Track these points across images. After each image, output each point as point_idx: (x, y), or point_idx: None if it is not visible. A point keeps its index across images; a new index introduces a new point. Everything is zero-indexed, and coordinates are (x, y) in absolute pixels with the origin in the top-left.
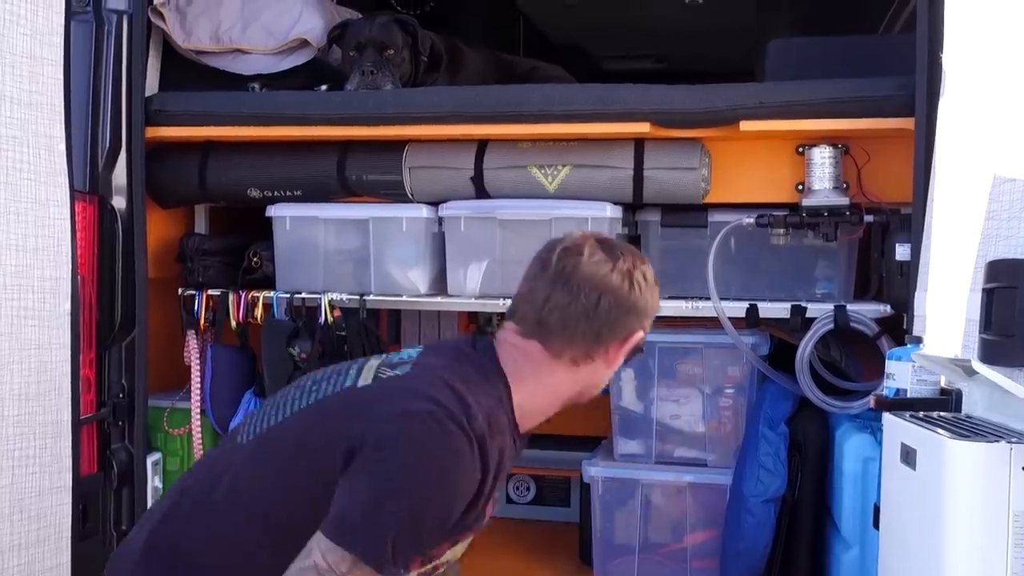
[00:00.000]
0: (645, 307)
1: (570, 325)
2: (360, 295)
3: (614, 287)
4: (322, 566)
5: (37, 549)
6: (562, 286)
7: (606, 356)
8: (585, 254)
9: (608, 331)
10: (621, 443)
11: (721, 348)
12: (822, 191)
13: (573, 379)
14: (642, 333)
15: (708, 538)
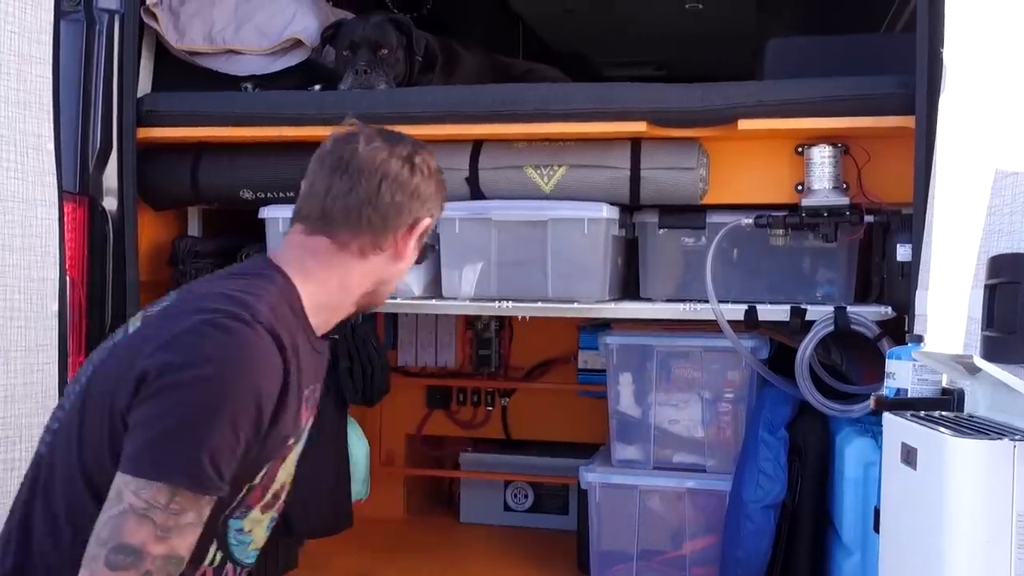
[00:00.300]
0: (429, 192)
1: (353, 213)
2: None
3: (394, 172)
4: (139, 506)
5: None
6: (341, 174)
7: (394, 246)
8: (362, 141)
9: (393, 217)
10: (619, 449)
11: (720, 352)
12: (822, 191)
13: (363, 272)
14: (429, 221)
15: (708, 545)
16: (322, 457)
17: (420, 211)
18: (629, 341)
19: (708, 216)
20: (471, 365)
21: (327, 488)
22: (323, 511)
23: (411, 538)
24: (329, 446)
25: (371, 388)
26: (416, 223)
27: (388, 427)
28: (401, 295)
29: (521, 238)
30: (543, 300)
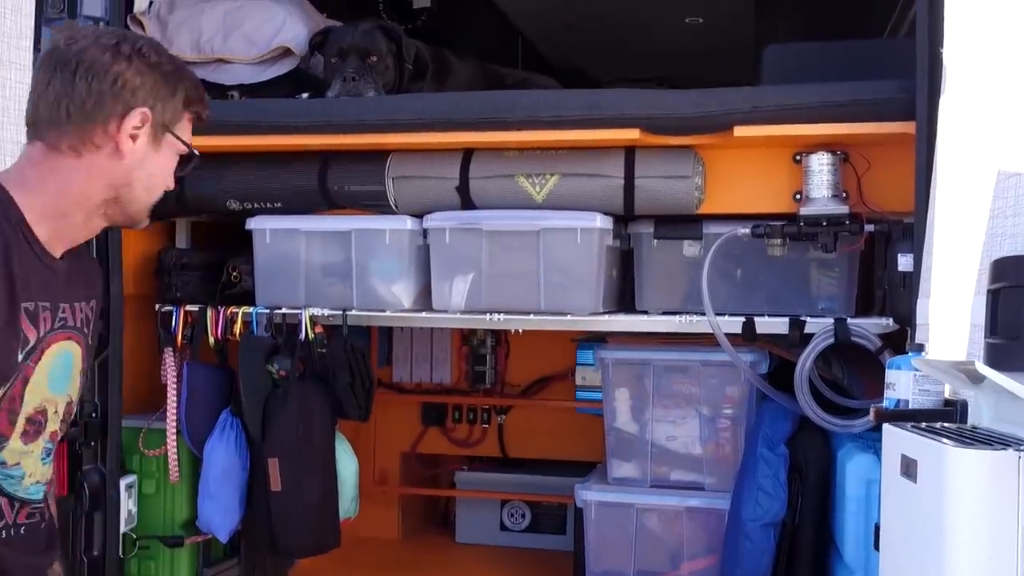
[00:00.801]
0: (141, 81)
1: (53, 107)
2: (342, 310)
3: (91, 59)
4: None
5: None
6: (42, 71)
7: (111, 142)
8: (63, 38)
9: (94, 108)
10: (615, 466)
11: (718, 367)
12: (820, 199)
13: (86, 174)
14: (144, 112)
15: (707, 566)
16: (309, 473)
17: (132, 101)
18: (625, 356)
19: (704, 226)
20: (467, 382)
21: (314, 505)
22: (310, 529)
23: (405, 559)
24: (317, 462)
25: (369, 403)
26: (126, 113)
27: (382, 445)
28: (390, 307)
29: (512, 249)
30: (535, 312)
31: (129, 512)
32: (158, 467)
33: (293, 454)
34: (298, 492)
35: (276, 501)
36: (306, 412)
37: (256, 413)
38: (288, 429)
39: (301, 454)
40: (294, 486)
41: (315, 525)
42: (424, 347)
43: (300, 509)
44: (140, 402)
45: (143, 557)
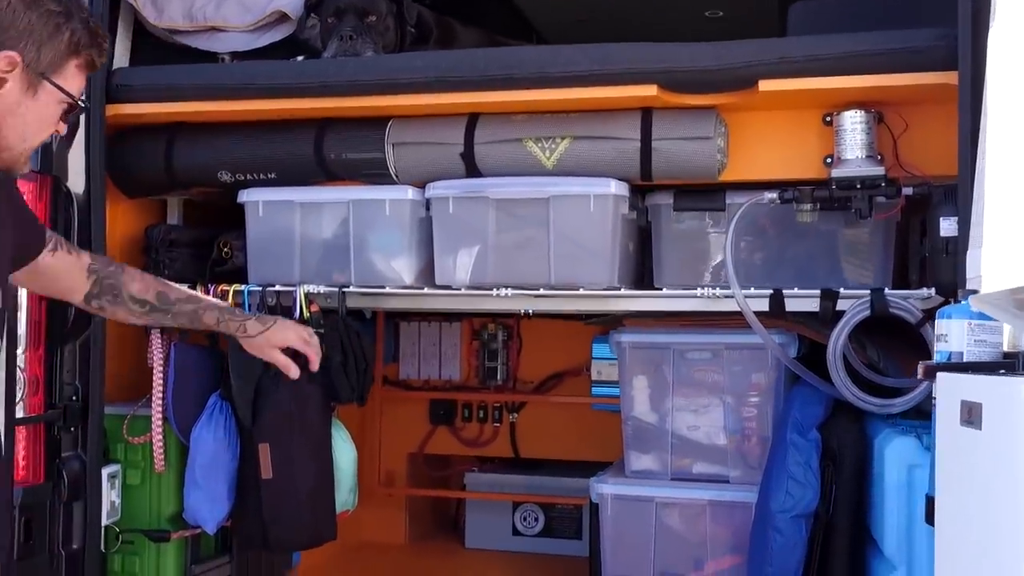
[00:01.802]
0: (10, 19)
1: None
2: (339, 287)
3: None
4: None
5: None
6: None
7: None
8: None
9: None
10: (634, 458)
11: (743, 351)
12: (854, 160)
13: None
14: (13, 55)
15: (732, 564)
16: (303, 460)
17: (2, 41)
18: (643, 339)
19: (728, 197)
20: (477, 378)
21: (307, 494)
22: (303, 519)
23: (411, 564)
24: (311, 448)
25: (364, 385)
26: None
27: (388, 445)
28: (390, 284)
29: (521, 218)
30: (545, 287)
31: (112, 504)
32: (143, 456)
33: (285, 439)
34: (290, 480)
35: (267, 489)
36: (299, 395)
37: (246, 396)
38: (280, 413)
39: (294, 440)
40: (286, 474)
41: (309, 515)
42: (432, 342)
43: (292, 498)
44: (126, 389)
45: (127, 552)
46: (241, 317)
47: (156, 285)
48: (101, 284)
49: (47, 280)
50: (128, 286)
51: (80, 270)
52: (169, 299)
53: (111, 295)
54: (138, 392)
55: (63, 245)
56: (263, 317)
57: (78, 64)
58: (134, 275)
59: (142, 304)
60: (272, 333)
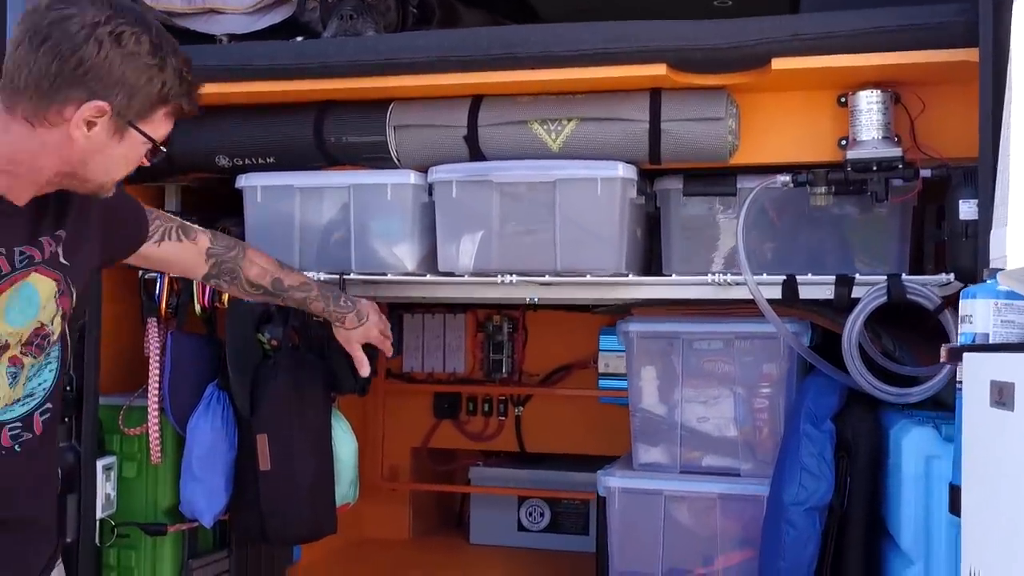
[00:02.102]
0: (106, 69)
1: (15, 71)
2: (339, 274)
3: (61, 35)
4: None
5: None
6: (18, 28)
7: (64, 123)
8: (51, 3)
9: (49, 88)
10: (642, 451)
11: (754, 340)
12: (870, 142)
13: (40, 147)
14: (103, 105)
15: (744, 559)
16: (302, 452)
17: (94, 89)
18: (652, 328)
19: (739, 181)
20: (482, 371)
21: (307, 486)
22: (302, 512)
23: (415, 560)
24: (310, 440)
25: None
26: (84, 101)
27: (392, 439)
28: (392, 270)
29: (526, 203)
30: (551, 274)
31: (107, 496)
32: (140, 448)
33: (284, 430)
34: (289, 472)
35: (265, 481)
36: (299, 384)
37: (244, 386)
38: (279, 403)
39: (293, 430)
40: (285, 465)
41: (308, 508)
42: (436, 334)
43: (291, 490)
44: (123, 380)
45: (122, 546)
46: (344, 309)
47: (273, 271)
48: (220, 267)
49: (160, 265)
50: (247, 271)
51: (197, 255)
52: (283, 285)
53: (229, 277)
54: (135, 383)
55: (173, 234)
56: (360, 308)
57: (166, 112)
58: (254, 259)
59: (256, 288)
60: (366, 329)
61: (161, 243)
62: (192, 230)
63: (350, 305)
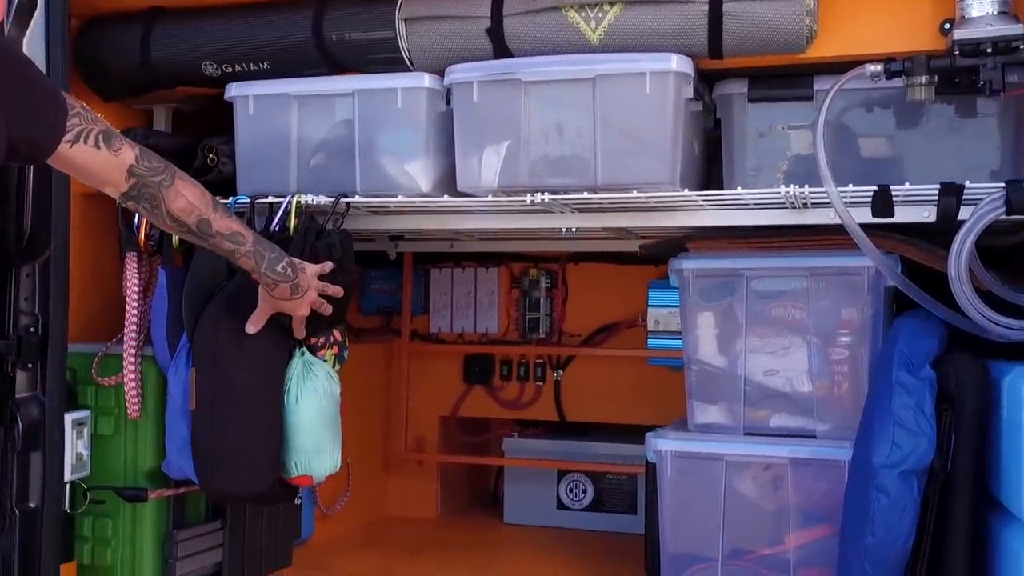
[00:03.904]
0: None
1: None
2: (339, 196)
3: None
4: None
5: None
6: None
7: None
8: None
9: None
10: (699, 410)
11: (832, 277)
12: (983, 18)
13: None
14: None
15: (820, 537)
16: (228, 393)
17: None
18: (711, 265)
19: (816, 83)
20: (517, 331)
21: (228, 435)
22: (223, 464)
23: (442, 540)
24: (247, 383)
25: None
26: None
27: (417, 408)
28: (403, 192)
29: (561, 105)
30: (591, 190)
31: (79, 456)
32: (117, 402)
33: (208, 361)
34: (209, 414)
35: (192, 424)
36: (239, 313)
37: (191, 316)
38: (208, 332)
39: (218, 363)
40: (207, 405)
41: (232, 461)
42: (466, 291)
43: (213, 437)
44: (107, 326)
45: (97, 514)
46: (278, 276)
47: (202, 210)
48: (140, 190)
49: (73, 171)
50: (170, 201)
51: (116, 169)
52: (210, 229)
53: (149, 203)
54: (114, 330)
55: (91, 138)
56: (300, 281)
57: None
58: (182, 191)
59: (179, 224)
60: (295, 306)
61: (75, 145)
62: (117, 140)
63: (289, 274)
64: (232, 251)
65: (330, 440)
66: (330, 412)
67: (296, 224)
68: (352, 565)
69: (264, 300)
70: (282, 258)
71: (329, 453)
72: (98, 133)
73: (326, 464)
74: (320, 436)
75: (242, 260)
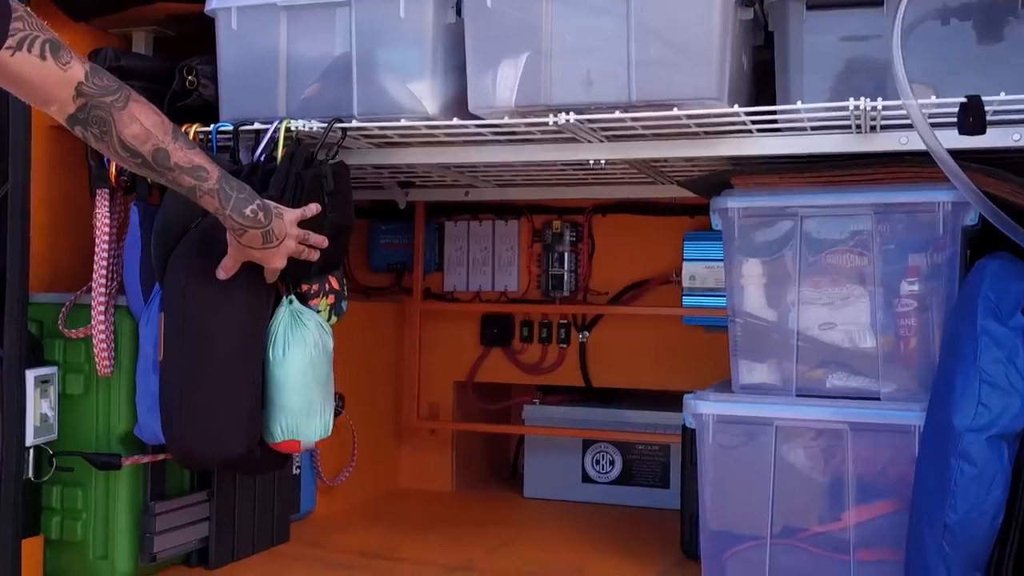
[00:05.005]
0: None
1: None
2: (333, 121)
3: None
4: None
5: None
6: None
7: None
8: None
9: None
10: (744, 369)
11: (900, 215)
12: None
13: None
14: None
15: (882, 513)
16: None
17: None
18: (759, 203)
19: None
20: (539, 289)
21: (196, 389)
22: (191, 422)
23: (457, 516)
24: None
25: (339, 253)
26: None
27: (431, 372)
28: (407, 115)
29: (589, 9)
30: (623, 107)
31: (43, 418)
32: (87, 357)
33: (177, 306)
34: (177, 365)
35: (160, 377)
36: (213, 251)
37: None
38: (178, 272)
39: (188, 308)
40: (175, 356)
41: (202, 420)
42: (484, 245)
43: (180, 392)
44: (75, 275)
45: (66, 483)
46: (247, 221)
47: (159, 138)
48: (89, 112)
49: (13, 85)
50: (122, 126)
51: (63, 85)
52: (168, 160)
53: (98, 128)
54: (86, 279)
55: (37, 47)
56: (275, 228)
57: None
58: (137, 114)
59: (132, 154)
60: (268, 255)
61: (16, 53)
62: (66, 52)
63: (260, 219)
64: (193, 188)
65: (320, 400)
66: (321, 368)
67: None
68: (357, 542)
69: (232, 247)
70: (252, 200)
71: (320, 415)
72: (44, 42)
73: (316, 427)
74: (309, 395)
75: (204, 199)
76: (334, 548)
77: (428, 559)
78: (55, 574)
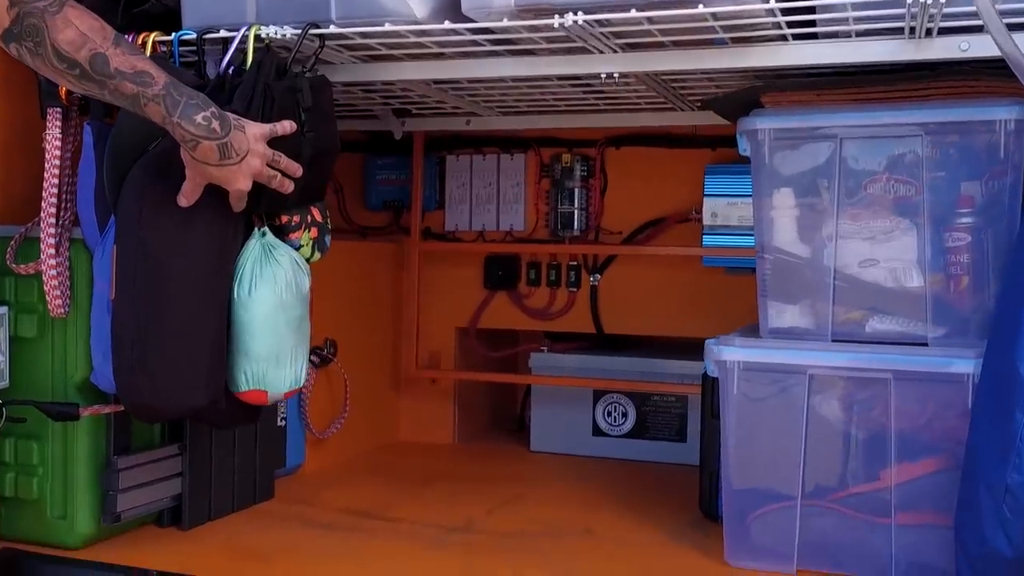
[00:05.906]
0: None
1: None
2: (309, 26)
3: None
4: None
5: None
6: None
7: None
8: None
9: None
10: (774, 311)
11: (950, 138)
12: None
13: None
14: None
15: (926, 472)
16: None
17: None
18: (793, 123)
19: None
20: (547, 228)
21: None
22: (157, 375)
23: (459, 471)
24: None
25: (323, 181)
26: None
27: (431, 318)
28: (392, 18)
29: None
30: (639, 6)
31: None
32: (41, 297)
33: (131, 237)
34: (130, 304)
35: (112, 318)
36: (172, 168)
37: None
38: (133, 194)
39: (142, 239)
40: (128, 294)
41: (159, 367)
42: (488, 181)
43: (133, 335)
44: (31, 206)
45: (20, 435)
46: (195, 131)
47: (97, 43)
48: (23, 23)
49: None
50: (55, 34)
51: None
52: (108, 67)
53: (32, 42)
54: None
55: None
56: (235, 140)
57: None
58: (71, 19)
59: (68, 63)
60: (230, 173)
61: None
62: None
63: (215, 129)
64: (136, 95)
65: (291, 346)
66: (294, 310)
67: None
68: (347, 500)
69: (188, 166)
70: (206, 107)
71: (290, 363)
72: None
73: (286, 377)
74: (278, 340)
75: (150, 107)
76: (322, 506)
77: (424, 519)
78: (10, 535)
